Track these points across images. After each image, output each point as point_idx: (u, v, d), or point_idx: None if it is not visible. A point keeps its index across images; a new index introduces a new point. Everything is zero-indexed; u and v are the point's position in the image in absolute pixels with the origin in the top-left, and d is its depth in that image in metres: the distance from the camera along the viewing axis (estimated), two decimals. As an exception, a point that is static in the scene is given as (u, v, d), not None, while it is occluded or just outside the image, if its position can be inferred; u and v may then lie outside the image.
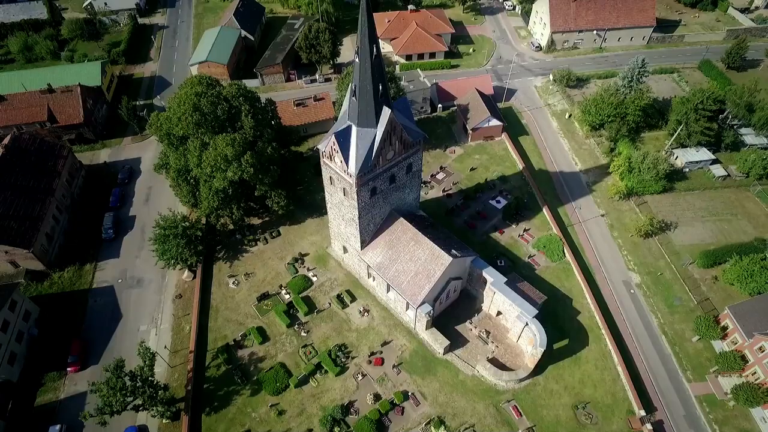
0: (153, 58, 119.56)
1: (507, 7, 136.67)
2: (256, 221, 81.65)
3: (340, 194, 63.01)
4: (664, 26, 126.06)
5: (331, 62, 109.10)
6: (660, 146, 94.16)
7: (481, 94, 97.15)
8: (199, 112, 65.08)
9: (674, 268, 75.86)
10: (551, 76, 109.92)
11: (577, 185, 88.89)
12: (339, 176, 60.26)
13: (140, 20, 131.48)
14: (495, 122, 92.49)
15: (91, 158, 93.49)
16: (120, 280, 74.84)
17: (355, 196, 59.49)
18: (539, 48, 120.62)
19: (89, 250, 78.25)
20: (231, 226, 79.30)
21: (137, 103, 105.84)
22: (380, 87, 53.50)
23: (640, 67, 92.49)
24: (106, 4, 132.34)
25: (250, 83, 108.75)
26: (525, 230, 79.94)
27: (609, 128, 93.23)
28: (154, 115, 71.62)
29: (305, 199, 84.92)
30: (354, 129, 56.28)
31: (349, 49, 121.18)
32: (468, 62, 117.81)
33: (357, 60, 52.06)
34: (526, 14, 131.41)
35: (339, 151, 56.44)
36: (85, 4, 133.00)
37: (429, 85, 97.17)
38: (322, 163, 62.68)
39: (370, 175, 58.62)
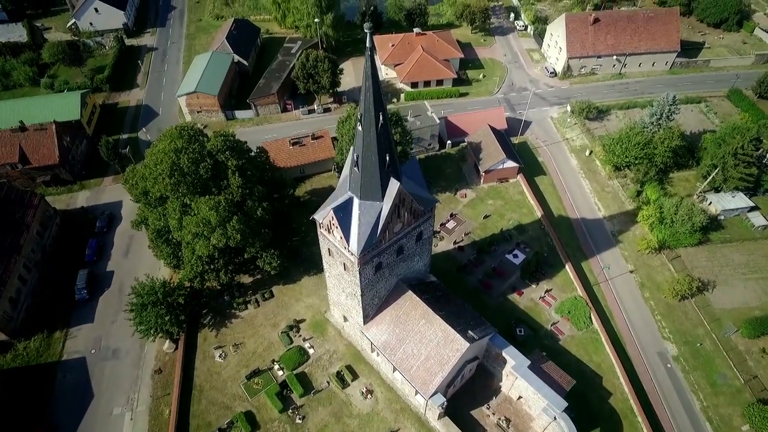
0: (140, 85, 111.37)
1: (518, 27, 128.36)
2: (246, 279, 73.43)
3: (340, 267, 54.76)
4: (687, 49, 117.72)
5: (331, 92, 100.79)
6: (690, 188, 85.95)
7: (494, 130, 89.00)
8: (178, 172, 56.80)
9: (715, 338, 67.61)
10: (569, 108, 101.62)
11: (602, 235, 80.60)
12: (339, 251, 52.03)
13: (128, 41, 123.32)
14: (510, 164, 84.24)
15: (67, 202, 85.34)
16: (93, 351, 66.64)
17: (357, 274, 51.31)
18: (554, 74, 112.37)
19: (60, 314, 70.08)
20: (218, 287, 71.07)
21: (120, 136, 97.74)
22: (387, 157, 45.26)
23: (671, 104, 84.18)
24: (91, 24, 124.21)
25: (244, 114, 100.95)
26: (546, 291, 71.72)
27: (635, 170, 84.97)
28: (130, 169, 63.55)
29: (301, 252, 76.72)
30: (356, 202, 48.09)
31: (350, 74, 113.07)
32: (478, 90, 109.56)
33: (359, 128, 43.84)
34: (539, 35, 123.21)
35: (338, 227, 48.23)
36: (69, 24, 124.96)
37: (438, 121, 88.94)
38: (319, 233, 54.41)
39: (374, 251, 50.44)
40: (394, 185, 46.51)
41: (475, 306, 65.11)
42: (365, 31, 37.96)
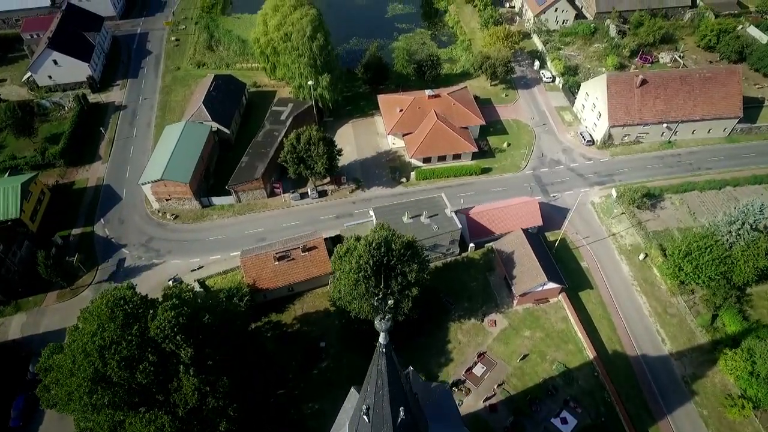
0: (102, 157, 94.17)
1: (545, 79, 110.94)
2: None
3: None
4: (745, 107, 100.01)
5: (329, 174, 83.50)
6: (775, 310, 68.77)
7: (528, 235, 71.93)
8: (103, 386, 39.59)
9: None
10: (614, 193, 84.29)
11: (671, 382, 63.50)
12: None
13: (93, 97, 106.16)
14: (552, 285, 67.08)
15: (-3, 331, 68.41)
16: None
17: None
18: (591, 142, 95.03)
19: None
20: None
21: (71, 232, 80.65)
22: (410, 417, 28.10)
23: (759, 213, 66.97)
24: (50, 77, 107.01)
25: (223, 200, 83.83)
26: (609, 480, 54.59)
27: (707, 289, 67.86)
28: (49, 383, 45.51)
29: (289, 418, 59.50)
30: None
31: (350, 142, 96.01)
32: (502, 163, 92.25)
33: (365, 419, 26.63)
34: (570, 89, 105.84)
35: None
36: (25, 77, 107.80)
37: (459, 225, 71.67)
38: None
39: None
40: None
41: None
42: (379, 332, 20.97)
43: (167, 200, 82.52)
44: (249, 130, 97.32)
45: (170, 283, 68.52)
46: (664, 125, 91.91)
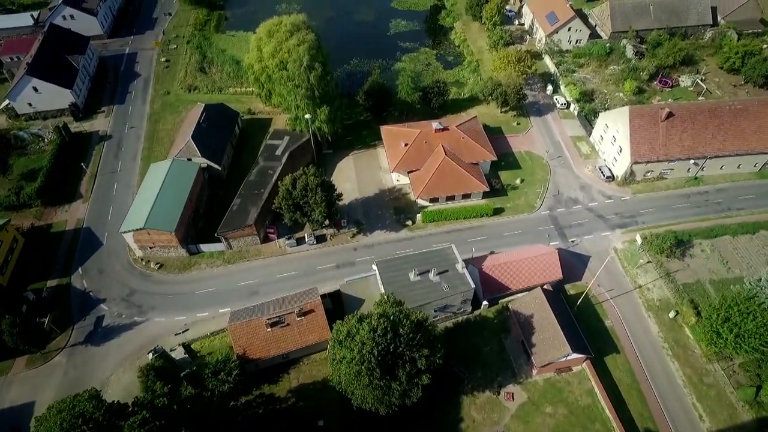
0: (83, 195, 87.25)
1: (558, 105, 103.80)
2: None
3: None
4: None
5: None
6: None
7: (548, 294, 64.99)
8: None
9: None
10: (638, 239, 77.26)
11: (711, 469, 56.54)
12: None
13: (75, 126, 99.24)
14: (576, 356, 60.07)
15: (-42, 406, 61.49)
16: None
17: None
18: (611, 178, 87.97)
19: None
20: None
21: (46, 285, 73.73)
22: None
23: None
24: (30, 105, 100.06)
25: (212, 247, 76.93)
26: None
27: (752, 363, 60.90)
28: None
29: None
30: None
31: (350, 178, 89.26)
32: (516, 203, 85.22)
33: None
34: (585, 118, 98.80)
35: None
36: (3, 105, 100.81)
37: (472, 285, 64.52)
38: None
39: None
40: None
41: None
42: None
43: (151, 248, 75.59)
44: (242, 164, 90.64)
45: (150, 356, 61.55)
46: (691, 161, 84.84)
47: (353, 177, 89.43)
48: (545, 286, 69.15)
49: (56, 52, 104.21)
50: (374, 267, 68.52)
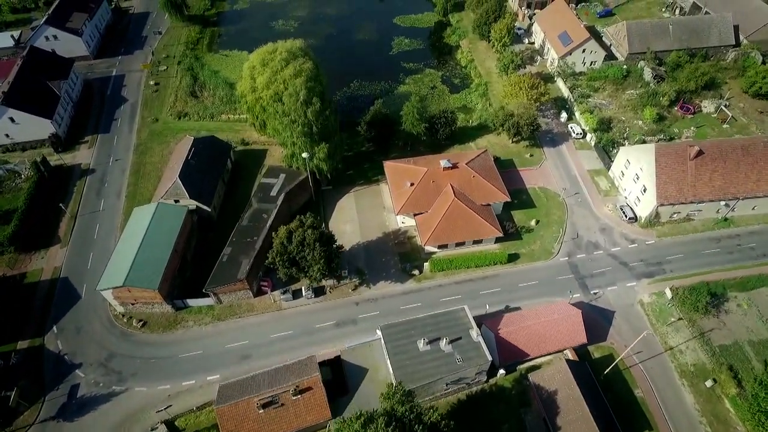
0: (62, 239, 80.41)
1: (573, 134, 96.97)
2: None
3: None
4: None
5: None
6: None
7: (573, 365, 58.20)
8: None
9: None
10: (668, 292, 70.50)
11: None
12: None
13: (55, 160, 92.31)
14: (608, 441, 53.35)
15: None
16: None
17: None
18: (634, 219, 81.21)
19: None
20: None
21: (16, 347, 66.89)
22: None
23: None
24: (7, 135, 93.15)
25: (200, 302, 70.25)
26: None
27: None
28: None
29: None
30: None
31: (352, 218, 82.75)
32: (531, 247, 78.44)
33: None
34: (603, 149, 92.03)
35: None
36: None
37: (489, 358, 57.71)
38: None
39: None
40: None
41: None
42: None
43: (133, 304, 68.77)
44: (235, 201, 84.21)
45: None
46: (722, 203, 78.10)
47: (355, 217, 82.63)
48: (567, 351, 62.62)
49: (36, 77, 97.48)
50: (378, 332, 61.73)
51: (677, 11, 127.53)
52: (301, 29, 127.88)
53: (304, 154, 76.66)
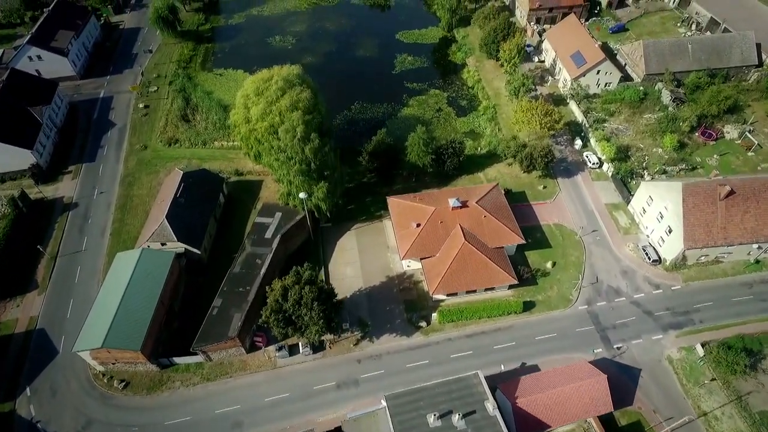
0: (39, 284, 74.43)
1: (589, 164, 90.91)
2: None
3: None
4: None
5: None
6: None
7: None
8: None
9: None
10: (699, 349, 64.49)
11: None
12: None
13: (35, 193, 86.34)
14: None
15: None
16: None
17: None
18: (657, 261, 75.23)
19: None
20: None
21: (-14, 414, 60.94)
22: None
23: None
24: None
25: (188, 359, 64.30)
26: None
27: None
28: None
29: None
30: None
31: (353, 259, 76.88)
32: (547, 294, 72.47)
33: None
34: (621, 181, 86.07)
35: None
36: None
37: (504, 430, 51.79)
38: None
39: None
40: None
41: None
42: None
43: (113, 364, 62.78)
44: (227, 241, 78.29)
45: None
46: (755, 245, 72.15)
47: (356, 259, 76.64)
48: (591, 419, 56.68)
49: (17, 103, 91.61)
50: (383, 402, 55.71)
51: (693, 26, 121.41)
52: (299, 45, 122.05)
53: (302, 194, 70.64)
